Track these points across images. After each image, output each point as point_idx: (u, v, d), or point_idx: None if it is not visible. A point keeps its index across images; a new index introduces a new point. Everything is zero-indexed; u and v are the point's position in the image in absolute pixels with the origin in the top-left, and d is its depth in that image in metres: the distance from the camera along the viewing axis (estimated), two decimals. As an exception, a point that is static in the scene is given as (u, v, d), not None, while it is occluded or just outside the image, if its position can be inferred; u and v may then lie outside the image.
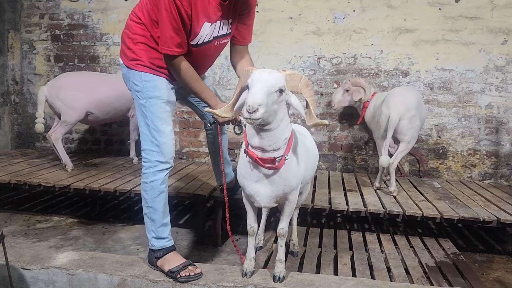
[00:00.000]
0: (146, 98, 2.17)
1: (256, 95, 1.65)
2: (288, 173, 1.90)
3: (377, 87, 4.14)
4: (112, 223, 3.55)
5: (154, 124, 2.16)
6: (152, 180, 2.20)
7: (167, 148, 2.19)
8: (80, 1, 4.62)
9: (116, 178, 3.50)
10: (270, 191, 1.92)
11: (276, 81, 1.71)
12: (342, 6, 4.12)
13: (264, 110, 1.64)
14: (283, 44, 4.25)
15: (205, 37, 2.09)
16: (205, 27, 2.05)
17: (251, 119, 1.65)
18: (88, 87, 3.70)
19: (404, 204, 3.07)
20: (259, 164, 1.83)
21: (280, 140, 1.81)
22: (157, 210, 2.23)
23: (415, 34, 4.04)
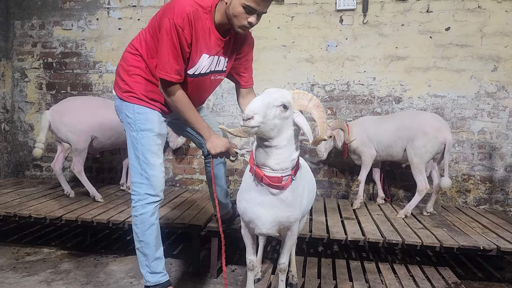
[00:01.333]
0: (138, 130, 2.17)
1: (253, 103, 1.66)
2: (292, 198, 1.86)
3: (370, 113, 4.17)
4: (104, 254, 3.45)
5: (144, 157, 2.16)
6: (141, 213, 2.18)
7: (157, 181, 2.17)
8: (74, 30, 4.62)
9: (108, 208, 3.42)
10: (273, 216, 1.86)
11: (279, 95, 1.72)
12: (334, 34, 4.18)
13: (260, 119, 1.63)
14: (277, 71, 4.28)
15: (202, 68, 2.10)
16: (203, 58, 2.07)
17: (245, 127, 1.64)
18: (92, 110, 3.66)
19: (403, 232, 3.03)
20: (265, 182, 1.78)
21: (288, 160, 1.79)
22: (148, 244, 2.20)
23: (407, 62, 4.10)
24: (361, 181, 3.74)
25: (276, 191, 1.81)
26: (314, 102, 1.79)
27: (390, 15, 4.09)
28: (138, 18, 4.44)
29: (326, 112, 4.25)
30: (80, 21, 4.60)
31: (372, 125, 3.71)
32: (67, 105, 3.67)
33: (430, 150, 3.39)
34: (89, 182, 3.71)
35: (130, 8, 4.48)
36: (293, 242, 2.03)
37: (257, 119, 1.63)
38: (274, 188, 1.80)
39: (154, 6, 4.41)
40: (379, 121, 3.73)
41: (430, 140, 3.37)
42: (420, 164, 3.41)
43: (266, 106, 1.67)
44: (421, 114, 3.70)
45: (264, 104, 1.67)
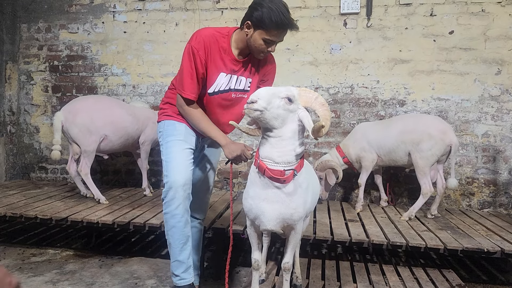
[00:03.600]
0: (165, 137, 2.33)
1: (258, 90, 1.78)
2: (295, 193, 1.89)
3: (374, 116, 4.18)
4: (108, 255, 3.47)
5: (167, 159, 2.27)
6: (165, 213, 2.27)
7: (176, 183, 2.20)
8: (80, 33, 4.67)
9: (113, 210, 3.44)
10: (277, 212, 1.89)
11: (285, 89, 1.82)
12: (338, 37, 4.21)
13: (264, 104, 1.72)
14: (281, 74, 4.26)
15: (221, 86, 2.22)
16: (221, 76, 2.20)
17: (248, 109, 1.74)
18: (104, 108, 3.69)
19: (407, 234, 3.03)
20: (268, 174, 1.83)
21: (291, 154, 1.83)
22: (170, 244, 2.31)
23: (411, 65, 4.12)
24: (361, 184, 3.74)
25: (279, 184, 1.84)
26: (320, 100, 1.85)
27: (394, 18, 4.11)
28: (143, 22, 4.48)
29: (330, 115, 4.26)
30: (86, 25, 4.65)
31: (372, 130, 3.71)
32: (79, 104, 3.68)
33: (437, 152, 3.41)
34: (94, 185, 3.73)
35: (136, 12, 4.52)
36: (296, 241, 2.05)
37: (260, 103, 1.73)
38: (276, 181, 1.83)
39: (160, 10, 4.44)
40: (378, 126, 3.74)
41: (437, 143, 3.38)
42: (426, 167, 3.43)
43: (270, 95, 1.77)
44: (424, 117, 3.72)
45: (269, 93, 1.77)
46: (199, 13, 4.36)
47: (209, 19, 4.39)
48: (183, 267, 2.29)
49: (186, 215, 2.28)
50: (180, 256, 2.29)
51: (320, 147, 4.31)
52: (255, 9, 2.04)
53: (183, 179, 2.22)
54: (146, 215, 3.30)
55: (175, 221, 2.24)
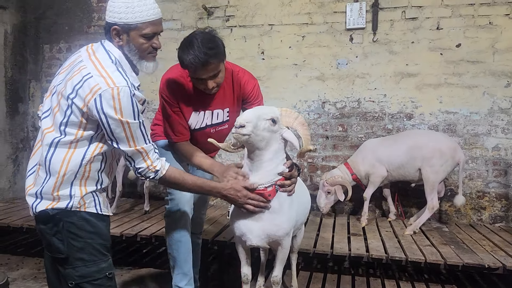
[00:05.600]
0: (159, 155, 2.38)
1: (245, 114, 1.80)
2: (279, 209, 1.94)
3: (382, 129, 4.20)
4: (118, 266, 3.59)
5: None
6: (169, 228, 2.36)
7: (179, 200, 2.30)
8: (97, 52, 4.89)
9: (123, 222, 3.58)
10: (262, 229, 1.95)
11: (269, 110, 1.85)
12: (344, 52, 4.26)
13: (251, 128, 1.75)
14: (289, 89, 4.39)
15: (196, 124, 2.27)
16: (193, 116, 2.25)
17: (237, 134, 1.76)
18: None
19: (408, 249, 3.04)
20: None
21: (272, 173, 1.90)
22: (174, 257, 2.38)
23: (418, 78, 4.12)
24: (367, 198, 3.76)
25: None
26: (300, 120, 1.92)
27: (400, 33, 4.14)
28: (156, 40, 4.66)
29: (337, 129, 4.31)
30: (103, 44, 4.86)
31: (380, 146, 3.75)
32: None
33: (448, 169, 3.53)
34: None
35: (149, 31, 4.71)
36: (284, 256, 2.10)
37: (248, 128, 1.75)
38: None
39: (172, 29, 4.62)
40: (387, 142, 3.78)
41: (447, 160, 3.48)
42: (436, 182, 3.50)
43: (257, 118, 1.79)
44: (434, 133, 3.83)
45: (255, 115, 1.80)
46: (209, 31, 4.50)
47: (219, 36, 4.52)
48: (186, 278, 2.37)
49: (190, 229, 2.38)
50: (185, 269, 2.36)
51: (327, 161, 4.34)
52: (178, 51, 2.02)
53: (187, 194, 2.31)
54: (153, 227, 3.42)
55: (180, 235, 2.33)
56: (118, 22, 1.66)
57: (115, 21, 1.66)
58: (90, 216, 1.69)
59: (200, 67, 1.94)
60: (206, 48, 1.92)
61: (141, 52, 1.70)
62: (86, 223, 1.68)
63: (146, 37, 1.67)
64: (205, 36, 1.98)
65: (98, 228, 1.71)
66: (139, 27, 1.65)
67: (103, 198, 1.77)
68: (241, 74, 2.30)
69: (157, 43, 1.73)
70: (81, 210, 1.67)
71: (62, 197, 1.65)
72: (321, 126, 4.34)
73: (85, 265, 1.66)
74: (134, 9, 1.63)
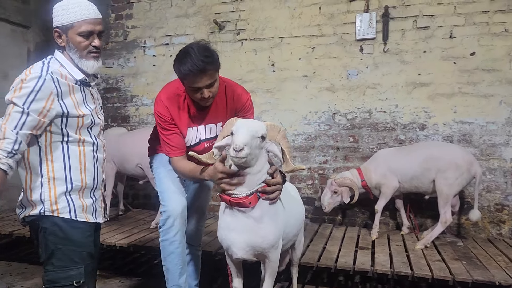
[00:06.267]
0: (155, 169, 2.49)
1: (242, 136, 1.80)
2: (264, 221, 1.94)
3: (394, 140, 4.12)
4: (129, 277, 3.66)
5: (162, 190, 2.41)
6: (162, 240, 2.40)
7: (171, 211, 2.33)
8: (115, 67, 5.06)
9: (132, 233, 3.65)
10: (246, 240, 1.95)
11: (259, 128, 1.87)
12: (355, 63, 4.22)
13: (248, 150, 1.78)
14: (299, 101, 4.38)
15: (191, 140, 2.32)
16: (189, 132, 2.30)
17: (237, 157, 1.78)
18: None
19: (416, 264, 2.95)
20: (233, 204, 1.91)
21: (257, 183, 1.92)
22: (169, 270, 2.41)
23: (431, 88, 4.03)
24: (378, 210, 3.68)
25: (246, 209, 1.91)
26: (282, 133, 1.96)
27: (412, 42, 4.07)
28: (170, 55, 4.78)
29: (348, 140, 4.26)
30: (120, 60, 5.03)
31: (393, 157, 3.68)
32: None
33: (463, 182, 3.42)
34: None
35: (163, 46, 4.84)
36: (273, 269, 2.07)
37: (246, 151, 1.77)
38: (241, 206, 1.90)
39: (185, 43, 4.65)
40: (400, 153, 3.70)
41: (463, 173, 3.38)
42: (450, 195, 3.40)
43: (251, 138, 1.81)
44: (449, 145, 3.75)
45: (250, 136, 1.81)
46: (220, 45, 4.58)
47: (230, 50, 4.59)
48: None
49: (183, 241, 2.40)
50: (179, 281, 2.39)
51: (339, 172, 4.25)
52: (173, 63, 2.11)
53: (180, 207, 2.35)
54: (161, 239, 3.46)
55: (174, 247, 2.36)
56: (58, 25, 1.77)
57: (56, 25, 1.78)
58: (63, 221, 1.73)
59: (198, 74, 2.01)
60: (203, 56, 2.01)
61: (81, 51, 1.77)
62: (58, 228, 1.72)
63: (82, 35, 1.75)
64: (200, 46, 2.08)
65: (70, 235, 1.73)
66: (74, 26, 1.74)
67: (81, 203, 1.79)
68: (234, 87, 2.36)
69: (97, 43, 1.79)
70: (54, 215, 1.72)
71: (36, 203, 1.71)
72: (331, 137, 4.30)
73: (54, 271, 1.71)
74: (69, 10, 1.75)
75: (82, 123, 1.79)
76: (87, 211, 1.81)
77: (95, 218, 1.85)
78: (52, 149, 1.74)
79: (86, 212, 1.81)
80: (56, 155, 1.74)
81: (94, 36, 1.78)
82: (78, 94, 1.80)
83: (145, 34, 4.92)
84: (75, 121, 1.77)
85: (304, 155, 4.38)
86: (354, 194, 3.66)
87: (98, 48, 1.81)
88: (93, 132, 1.88)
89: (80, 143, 1.80)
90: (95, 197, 1.88)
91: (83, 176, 1.81)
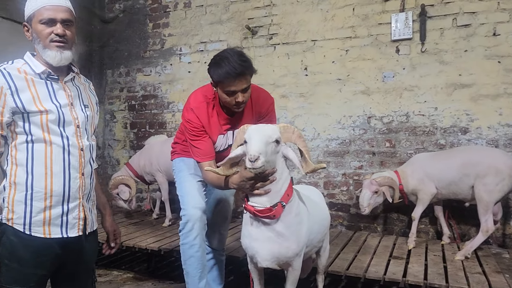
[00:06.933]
0: (177, 173, 2.52)
1: (256, 145, 1.76)
2: (287, 231, 1.90)
3: (433, 145, 3.92)
4: (161, 280, 3.72)
5: (182, 194, 2.45)
6: (182, 243, 2.40)
7: (190, 216, 2.35)
8: (152, 75, 5.21)
9: (165, 237, 3.71)
10: (270, 250, 1.92)
11: (272, 132, 1.83)
12: (391, 65, 4.08)
13: (264, 158, 1.74)
14: (332, 105, 4.28)
15: (220, 146, 2.35)
16: (219, 139, 2.33)
17: (254, 168, 1.74)
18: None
19: (452, 276, 2.77)
20: (257, 215, 1.87)
21: (280, 193, 1.88)
22: (188, 273, 2.44)
23: (473, 89, 3.80)
24: (415, 218, 3.51)
25: (270, 220, 1.87)
26: (297, 133, 1.91)
27: (452, 41, 3.86)
28: (204, 61, 4.84)
29: (385, 144, 4.10)
30: (157, 67, 5.17)
31: (431, 161, 3.51)
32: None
33: (505, 189, 3.17)
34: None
35: (198, 53, 4.92)
36: (295, 277, 2.03)
37: (261, 159, 1.74)
38: (266, 218, 1.86)
39: (219, 49, 4.72)
40: (437, 157, 3.53)
41: (504, 179, 3.15)
42: (490, 202, 3.17)
43: (265, 144, 1.78)
44: (490, 149, 3.53)
45: (264, 143, 1.77)
46: (253, 50, 4.59)
47: (263, 55, 4.59)
48: None
49: (203, 245, 2.41)
50: (199, 285, 2.40)
51: (375, 178, 4.13)
52: (208, 68, 2.16)
53: (200, 211, 2.36)
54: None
55: (193, 251, 2.37)
56: (25, 19, 1.67)
57: (25, 19, 1.68)
58: (14, 234, 1.56)
59: (236, 77, 2.05)
60: (241, 60, 2.07)
61: (43, 39, 1.62)
62: (8, 241, 1.56)
63: (43, 23, 1.61)
64: (236, 51, 2.16)
65: (18, 251, 1.55)
66: (35, 15, 1.62)
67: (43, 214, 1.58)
68: (259, 91, 2.38)
69: (59, 30, 1.61)
70: (9, 224, 1.57)
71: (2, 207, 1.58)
72: (367, 142, 4.16)
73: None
74: (31, 2, 1.64)
75: (46, 120, 1.59)
76: (50, 224, 1.58)
77: (64, 232, 1.61)
78: (17, 150, 1.58)
79: (49, 225, 1.58)
80: (20, 157, 1.58)
81: (57, 24, 1.62)
82: (41, 88, 1.62)
83: (181, 42, 5.03)
84: (37, 118, 1.58)
85: (338, 160, 4.27)
86: (395, 194, 3.52)
87: (61, 36, 1.62)
88: (67, 131, 1.64)
89: (47, 144, 1.59)
90: (67, 207, 1.62)
91: (48, 182, 1.59)
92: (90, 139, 1.78)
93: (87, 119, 1.76)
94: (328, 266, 2.86)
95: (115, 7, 5.43)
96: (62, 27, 1.62)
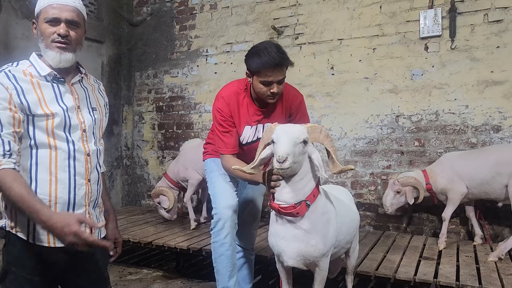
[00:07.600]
0: (208, 173, 2.58)
1: (284, 145, 1.77)
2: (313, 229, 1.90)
3: (464, 144, 3.83)
4: (190, 278, 3.78)
5: (214, 194, 2.49)
6: (213, 241, 2.46)
7: (222, 215, 2.39)
8: (179, 77, 5.28)
9: (193, 236, 3.78)
10: (297, 249, 1.92)
11: (300, 133, 1.84)
12: (419, 63, 4.01)
13: (292, 159, 1.75)
14: (360, 104, 4.25)
15: (248, 138, 2.38)
16: (246, 129, 2.36)
17: (282, 169, 1.76)
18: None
19: (485, 277, 2.71)
20: (282, 213, 1.88)
21: (305, 192, 1.89)
22: (219, 271, 2.48)
23: (506, 86, 3.70)
24: (446, 218, 3.44)
25: (295, 218, 1.88)
26: (324, 133, 1.91)
27: (483, 37, 3.77)
28: (231, 62, 4.89)
29: (413, 144, 4.04)
30: (184, 69, 5.24)
31: (461, 160, 3.44)
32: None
33: None
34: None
35: (224, 54, 4.96)
36: (323, 278, 2.03)
37: (290, 160, 1.75)
38: (290, 215, 1.87)
39: (245, 50, 4.76)
40: (468, 156, 3.46)
41: None
42: None
43: (293, 145, 1.79)
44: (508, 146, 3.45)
45: (291, 143, 1.79)
46: (279, 50, 4.59)
47: (289, 54, 4.50)
48: None
49: (233, 243, 2.45)
50: (229, 283, 2.44)
51: (403, 178, 4.08)
52: (246, 58, 2.21)
53: (230, 210, 2.40)
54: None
55: (224, 249, 2.42)
56: (35, 16, 1.61)
57: (34, 16, 1.61)
58: (19, 242, 1.50)
59: (275, 68, 2.11)
60: (279, 52, 2.16)
61: (46, 39, 1.55)
62: (14, 249, 1.51)
63: (47, 21, 1.54)
64: (274, 43, 2.24)
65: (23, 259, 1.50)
66: (42, 12, 1.55)
67: None
68: (288, 88, 2.41)
69: (62, 30, 1.53)
70: (13, 232, 1.50)
71: (3, 214, 1.52)
72: (395, 141, 4.11)
73: None
74: (40, 0, 1.58)
75: (52, 125, 1.51)
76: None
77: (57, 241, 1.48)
78: (23, 156, 1.48)
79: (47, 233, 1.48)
80: (23, 163, 1.48)
81: (61, 24, 1.53)
82: (47, 90, 1.54)
83: (207, 43, 5.09)
84: (43, 123, 1.50)
85: (366, 159, 4.23)
86: (419, 194, 3.47)
87: (63, 37, 1.53)
88: (73, 136, 1.56)
89: (52, 149, 1.51)
90: None
91: (52, 189, 1.50)
92: (98, 144, 1.68)
93: (94, 123, 1.67)
94: (357, 267, 2.84)
95: (143, 10, 5.54)
96: (65, 27, 1.54)
